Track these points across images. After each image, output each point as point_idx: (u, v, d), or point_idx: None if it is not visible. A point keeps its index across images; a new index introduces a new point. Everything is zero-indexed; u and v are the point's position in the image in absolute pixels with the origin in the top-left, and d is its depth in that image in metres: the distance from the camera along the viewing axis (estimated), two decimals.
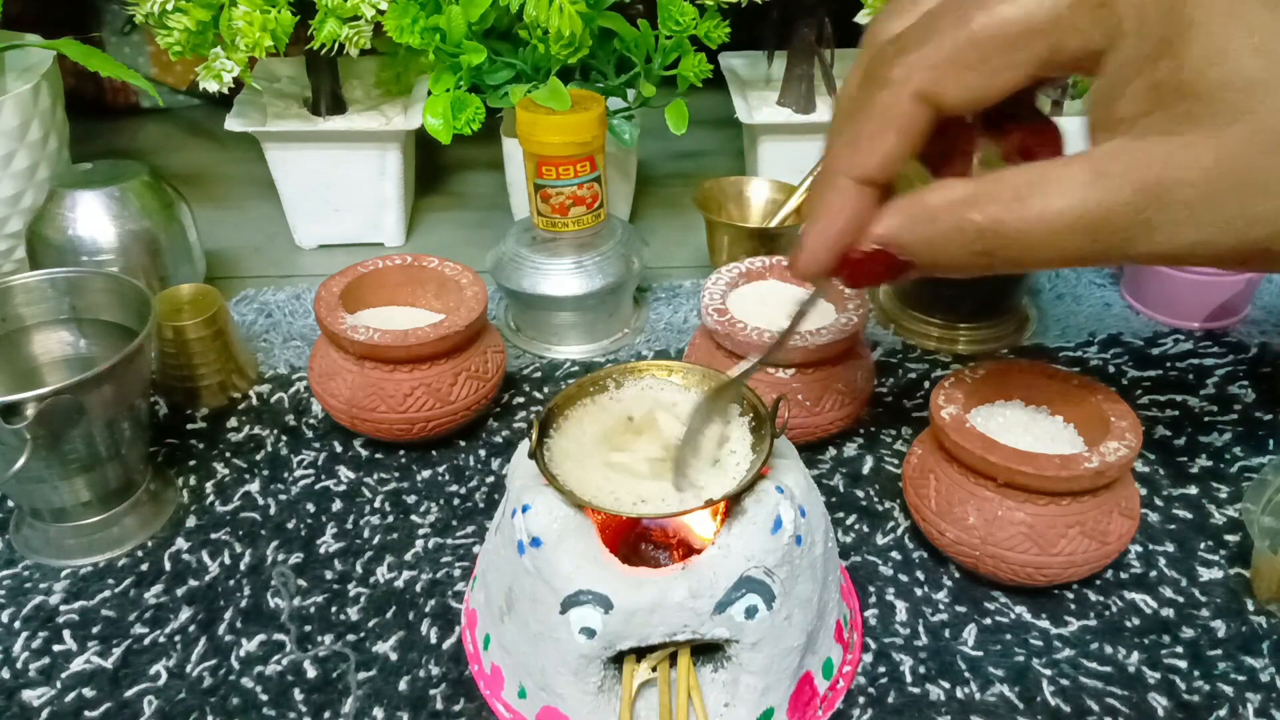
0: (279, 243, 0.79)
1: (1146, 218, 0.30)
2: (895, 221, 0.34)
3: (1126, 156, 0.30)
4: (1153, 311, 0.69)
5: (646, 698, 0.40)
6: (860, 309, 0.55)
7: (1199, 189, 0.29)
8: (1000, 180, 0.32)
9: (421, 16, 0.65)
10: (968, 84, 0.32)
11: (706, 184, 0.71)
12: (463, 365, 0.55)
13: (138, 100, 1.00)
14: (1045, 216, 0.31)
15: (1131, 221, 0.30)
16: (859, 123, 0.34)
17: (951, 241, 0.32)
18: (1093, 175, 0.30)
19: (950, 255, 0.33)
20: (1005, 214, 0.31)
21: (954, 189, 0.32)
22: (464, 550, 0.51)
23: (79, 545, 0.51)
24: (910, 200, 0.33)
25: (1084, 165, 0.31)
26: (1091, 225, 0.30)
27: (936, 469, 0.48)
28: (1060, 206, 0.30)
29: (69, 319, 0.54)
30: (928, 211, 0.33)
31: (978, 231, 0.32)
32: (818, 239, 0.35)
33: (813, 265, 0.36)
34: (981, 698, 0.44)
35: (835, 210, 0.35)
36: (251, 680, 0.45)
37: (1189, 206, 0.29)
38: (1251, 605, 0.48)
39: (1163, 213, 0.30)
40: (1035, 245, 0.31)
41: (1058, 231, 0.31)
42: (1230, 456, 0.57)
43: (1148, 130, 0.30)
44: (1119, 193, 0.30)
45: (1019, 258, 0.32)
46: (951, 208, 0.32)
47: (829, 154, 0.35)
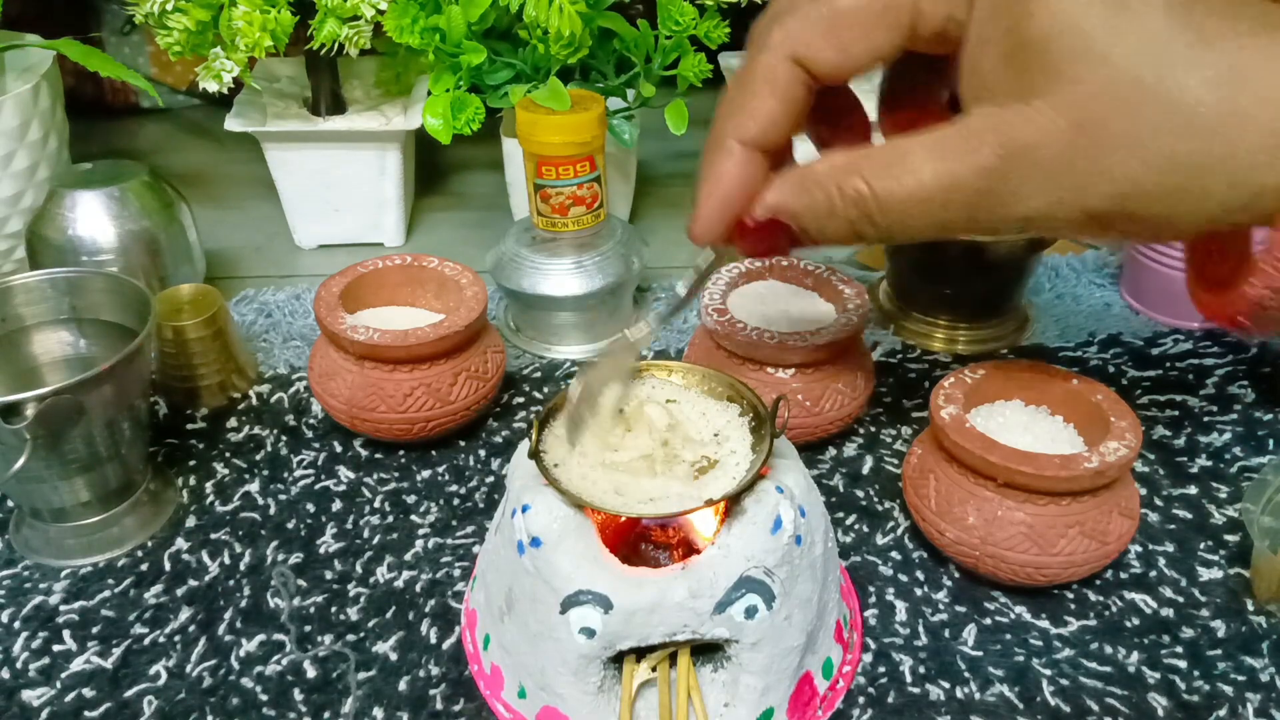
0: (279, 243, 0.79)
1: (1009, 182, 0.31)
2: (784, 189, 0.35)
3: (988, 123, 0.31)
4: (1153, 311, 0.69)
5: (646, 698, 0.40)
6: (860, 309, 0.55)
7: (1053, 151, 0.30)
8: (878, 149, 0.33)
9: (421, 16, 0.65)
10: (835, 50, 0.34)
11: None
12: (462, 365, 0.55)
13: (138, 100, 1.00)
14: (914, 182, 0.32)
15: (995, 186, 0.31)
16: (742, 89, 0.36)
17: (833, 208, 0.34)
18: (957, 141, 0.31)
19: (833, 223, 0.34)
20: (879, 181, 0.32)
21: (835, 157, 0.34)
22: (464, 550, 0.51)
23: (79, 545, 0.51)
24: (799, 169, 0.35)
25: (949, 132, 0.32)
26: (956, 191, 0.31)
27: (936, 469, 0.48)
28: (927, 172, 0.31)
29: (69, 319, 0.54)
30: (811, 178, 0.34)
31: (857, 198, 0.33)
32: (707, 202, 0.37)
33: (707, 229, 0.37)
34: (981, 698, 0.44)
35: (723, 173, 0.36)
36: (251, 680, 0.45)
37: (1047, 169, 0.30)
38: (1251, 605, 0.48)
39: (1024, 177, 0.30)
40: (905, 211, 0.32)
41: (924, 197, 0.32)
42: (1230, 456, 0.57)
43: (1006, 95, 0.31)
44: (983, 159, 0.31)
45: (893, 224, 0.33)
46: (832, 174, 0.33)
47: (716, 122, 0.37)
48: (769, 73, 0.35)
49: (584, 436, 0.41)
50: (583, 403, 0.41)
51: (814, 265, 0.59)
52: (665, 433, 0.42)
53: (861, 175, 0.33)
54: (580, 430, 0.41)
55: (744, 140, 0.36)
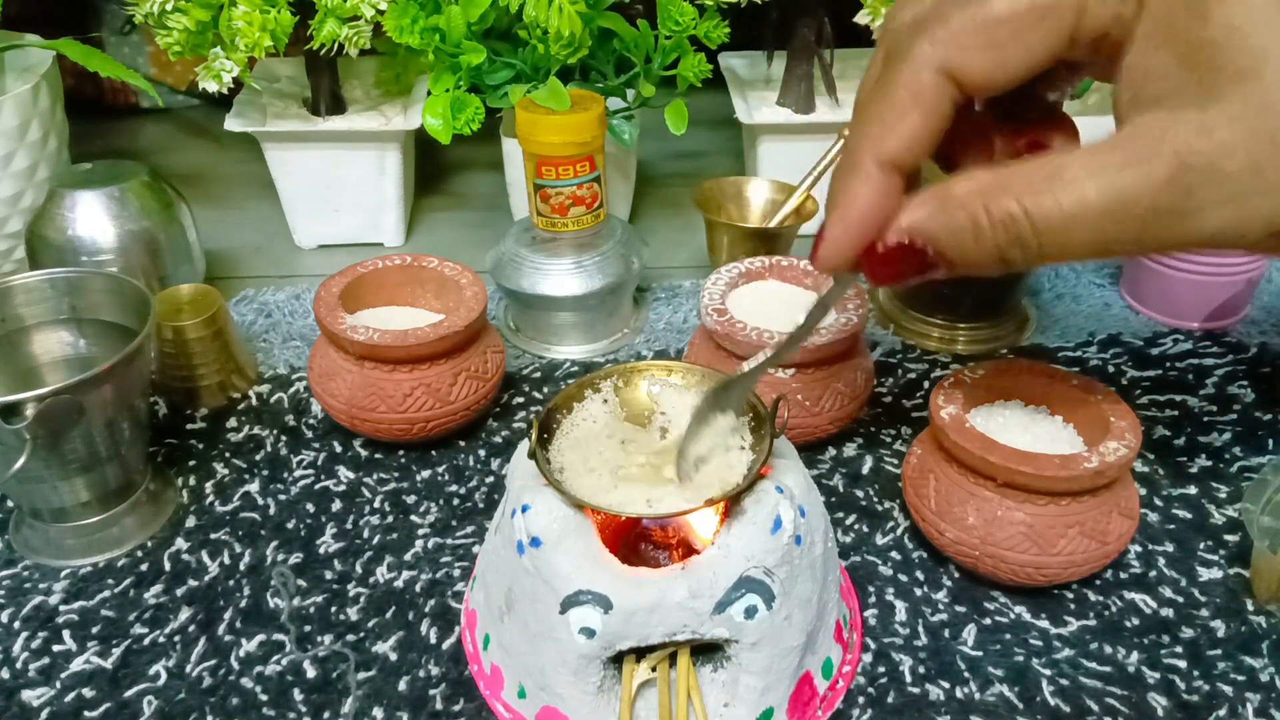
0: (279, 243, 0.79)
1: (1187, 196, 0.28)
2: (922, 212, 0.32)
3: (1162, 132, 0.28)
4: (1152, 311, 0.69)
5: (646, 698, 0.40)
6: (860, 309, 0.55)
7: (1241, 159, 0.27)
8: (1030, 167, 0.30)
9: (421, 16, 0.65)
10: (990, 60, 0.31)
11: (706, 184, 0.71)
12: (462, 365, 0.55)
13: (137, 100, 1.00)
14: (1076, 201, 0.29)
15: (1172, 202, 0.28)
16: (881, 104, 0.33)
17: (980, 231, 0.31)
18: (1128, 155, 0.29)
19: (978, 246, 0.31)
20: (1037, 200, 0.29)
21: (981, 177, 0.31)
22: (464, 550, 0.51)
23: (79, 545, 0.51)
24: (937, 190, 0.32)
25: (1117, 146, 0.29)
26: (1127, 208, 0.29)
27: (936, 469, 0.48)
28: (1092, 189, 0.29)
29: (69, 319, 0.54)
30: (955, 199, 0.31)
31: (1008, 219, 0.30)
32: (840, 227, 0.33)
33: (835, 256, 0.34)
34: (981, 698, 0.44)
35: (859, 196, 0.33)
36: (251, 680, 0.45)
37: (1232, 180, 0.28)
38: (1251, 605, 0.48)
39: (1205, 189, 0.28)
40: (1069, 233, 0.29)
41: (1092, 218, 0.29)
42: (1230, 456, 0.57)
43: (1181, 103, 0.28)
44: (1158, 171, 0.28)
45: (1050, 247, 0.30)
46: (980, 194, 0.30)
47: (850, 140, 0.34)
48: (914, 86, 0.32)
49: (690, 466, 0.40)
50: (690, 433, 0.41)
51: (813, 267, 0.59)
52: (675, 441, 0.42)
53: (1013, 195, 0.30)
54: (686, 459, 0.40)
55: (883, 160, 0.32)
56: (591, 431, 0.43)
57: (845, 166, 0.33)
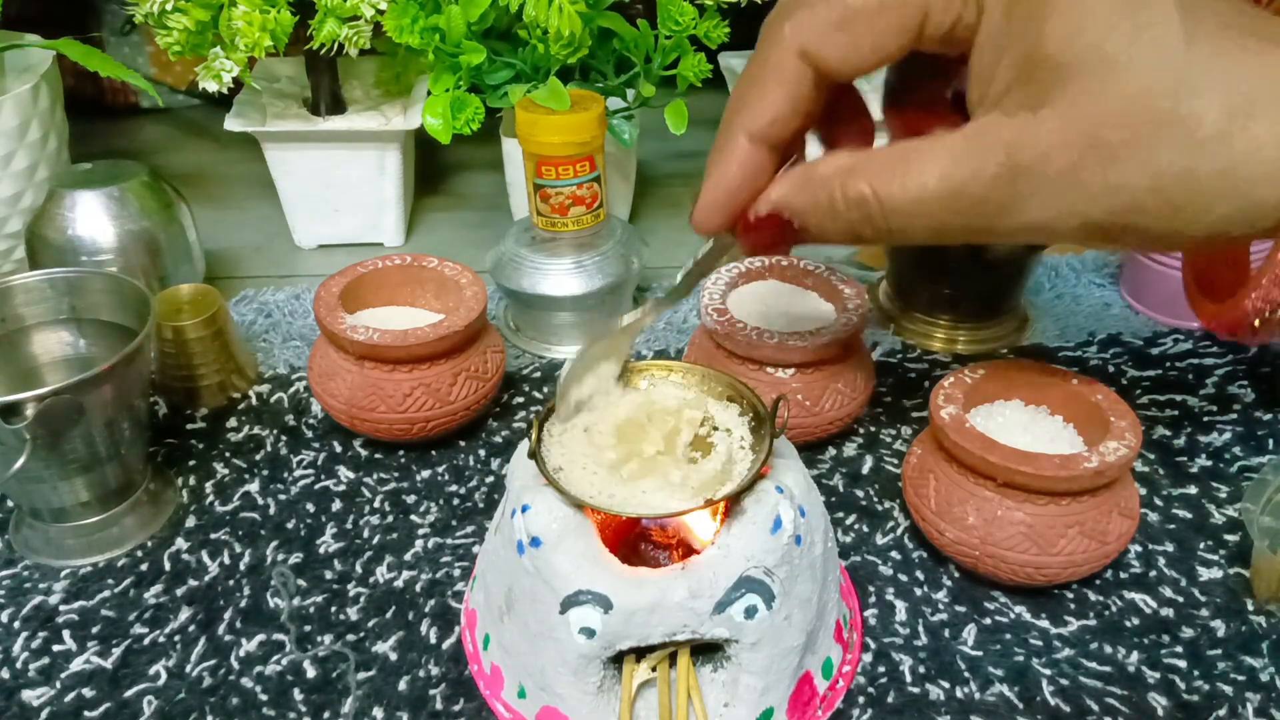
0: (279, 243, 0.79)
1: (1012, 191, 0.31)
2: (787, 187, 0.35)
3: (994, 130, 0.31)
4: (1152, 311, 0.69)
5: (646, 698, 0.40)
6: (860, 309, 0.55)
7: (1061, 161, 0.30)
8: (885, 152, 0.33)
9: (421, 16, 0.65)
10: (843, 46, 0.34)
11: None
12: (462, 365, 0.55)
13: (137, 100, 1.00)
14: (917, 187, 0.32)
15: (998, 195, 0.31)
16: (749, 82, 0.36)
17: (835, 209, 0.34)
18: (963, 149, 0.31)
19: (834, 223, 0.34)
20: (881, 183, 0.32)
21: (840, 158, 0.34)
22: (464, 550, 0.51)
23: (79, 545, 0.51)
24: (803, 167, 0.35)
25: (956, 139, 0.32)
26: (959, 198, 0.31)
27: (936, 469, 0.48)
28: (931, 178, 0.31)
29: (69, 319, 0.54)
30: (816, 177, 0.34)
31: (858, 199, 0.33)
32: (711, 193, 0.37)
33: (707, 218, 0.38)
34: (981, 697, 0.44)
35: (729, 165, 0.36)
36: (251, 680, 0.45)
37: (1051, 180, 0.30)
38: (1251, 605, 0.48)
39: (1028, 185, 0.30)
40: (907, 216, 0.32)
41: (927, 202, 0.32)
42: (1230, 456, 0.57)
43: (1015, 104, 0.31)
44: (986, 166, 0.31)
45: (894, 228, 0.33)
46: (836, 174, 0.33)
47: (725, 114, 0.37)
48: (777, 67, 0.35)
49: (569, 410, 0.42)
50: (571, 378, 0.42)
51: (814, 265, 0.59)
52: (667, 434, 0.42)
53: (865, 177, 0.33)
54: (566, 402, 0.42)
55: (751, 134, 0.36)
56: (592, 431, 0.43)
57: (720, 138, 0.37)
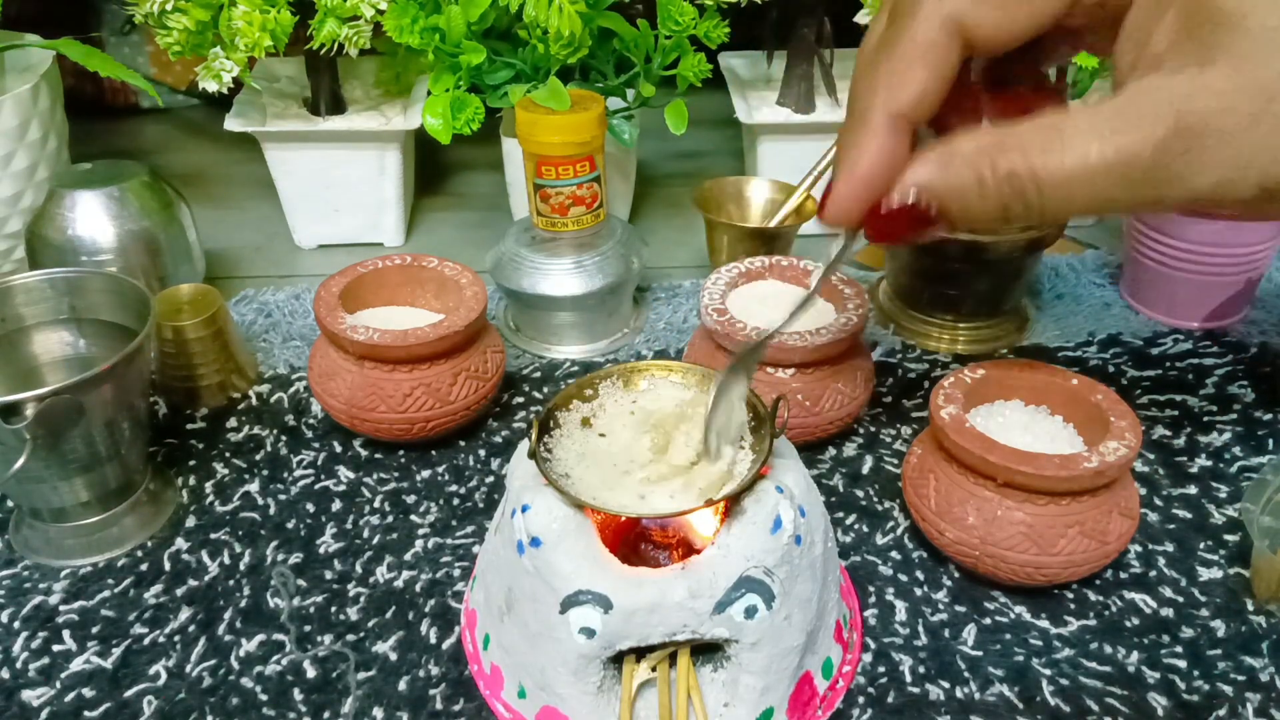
0: (279, 243, 0.79)
1: (1186, 154, 0.29)
2: (927, 169, 0.32)
3: (1161, 92, 0.29)
4: (1152, 311, 0.69)
5: (646, 698, 0.40)
6: (860, 309, 0.55)
7: (1234, 118, 0.28)
8: (1033, 126, 0.31)
9: (421, 16, 0.65)
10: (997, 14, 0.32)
11: (706, 184, 0.71)
12: (462, 365, 0.55)
13: (137, 100, 1.00)
14: (1078, 159, 0.29)
15: (1171, 160, 0.29)
16: (890, 58, 0.33)
17: (984, 188, 0.31)
18: (1127, 113, 0.29)
19: (981, 203, 0.32)
20: (1042, 158, 0.30)
21: (985, 135, 0.31)
22: (464, 550, 0.51)
23: (79, 545, 0.51)
24: (942, 148, 0.32)
25: (1115, 105, 0.30)
26: (1129, 167, 0.29)
27: (936, 469, 0.48)
28: (1093, 148, 0.29)
29: (69, 319, 0.54)
30: (960, 157, 0.32)
31: (1009, 175, 0.30)
32: (848, 181, 0.34)
33: (843, 210, 0.34)
34: (981, 697, 0.44)
35: (869, 150, 0.33)
36: (251, 680, 0.45)
37: (1226, 139, 0.28)
38: (1251, 605, 0.48)
39: (1202, 148, 0.28)
40: (1070, 190, 0.30)
41: (1091, 175, 0.29)
42: (1230, 456, 0.57)
43: (1181, 63, 0.29)
44: (1155, 130, 0.29)
45: (1053, 204, 0.31)
46: (983, 152, 0.31)
47: (858, 96, 0.34)
48: (925, 40, 0.32)
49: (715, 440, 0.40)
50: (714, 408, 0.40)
51: (814, 265, 0.59)
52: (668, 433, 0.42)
53: (1018, 152, 0.30)
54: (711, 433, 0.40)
55: (893, 114, 0.33)
56: (592, 431, 0.43)
57: (854, 122, 0.34)
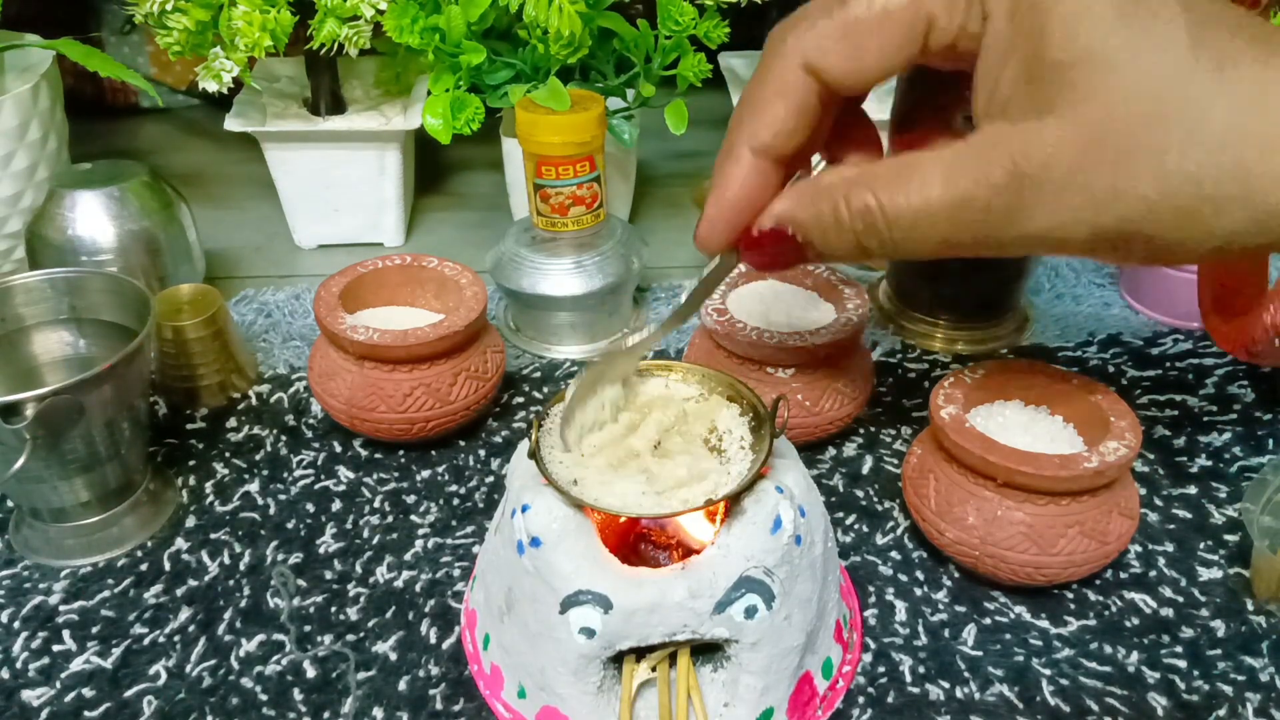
0: (279, 243, 0.79)
1: (1019, 199, 0.30)
2: (791, 200, 0.35)
3: (999, 138, 0.30)
4: (1152, 311, 0.69)
5: (646, 698, 0.40)
6: (860, 309, 0.55)
7: (1066, 168, 0.29)
8: (891, 163, 0.33)
9: (421, 16, 0.65)
10: (847, 58, 0.33)
11: (706, 184, 0.70)
12: (462, 365, 0.55)
13: (137, 100, 1.00)
14: (921, 197, 0.31)
15: (1004, 203, 0.30)
16: (753, 95, 0.35)
17: (840, 221, 0.33)
18: (968, 157, 0.31)
19: (839, 236, 0.33)
20: (888, 195, 0.32)
21: (844, 170, 0.33)
22: (464, 550, 0.51)
23: (78, 545, 0.51)
24: (805, 181, 0.35)
25: (960, 148, 0.31)
26: (964, 207, 0.31)
27: (936, 469, 0.48)
28: (935, 187, 0.31)
29: (69, 319, 0.54)
30: (819, 190, 0.34)
31: (864, 211, 0.32)
32: (715, 208, 0.36)
33: (711, 235, 0.37)
34: (981, 697, 0.44)
35: (733, 179, 0.36)
36: (251, 680, 0.45)
37: (1059, 186, 0.29)
38: (1251, 605, 0.48)
39: (1035, 194, 0.30)
40: (911, 226, 0.32)
41: (932, 212, 0.31)
42: (1230, 456, 0.57)
43: (1020, 111, 0.30)
44: (992, 173, 0.30)
45: (899, 240, 0.32)
46: (840, 185, 0.33)
47: (730, 128, 0.36)
48: (781, 80, 0.35)
49: (575, 435, 0.41)
50: (576, 401, 0.41)
51: (814, 265, 0.59)
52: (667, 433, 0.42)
53: (871, 189, 0.32)
54: (571, 428, 0.41)
55: (754, 148, 0.35)
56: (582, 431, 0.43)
57: (723, 153, 0.37)
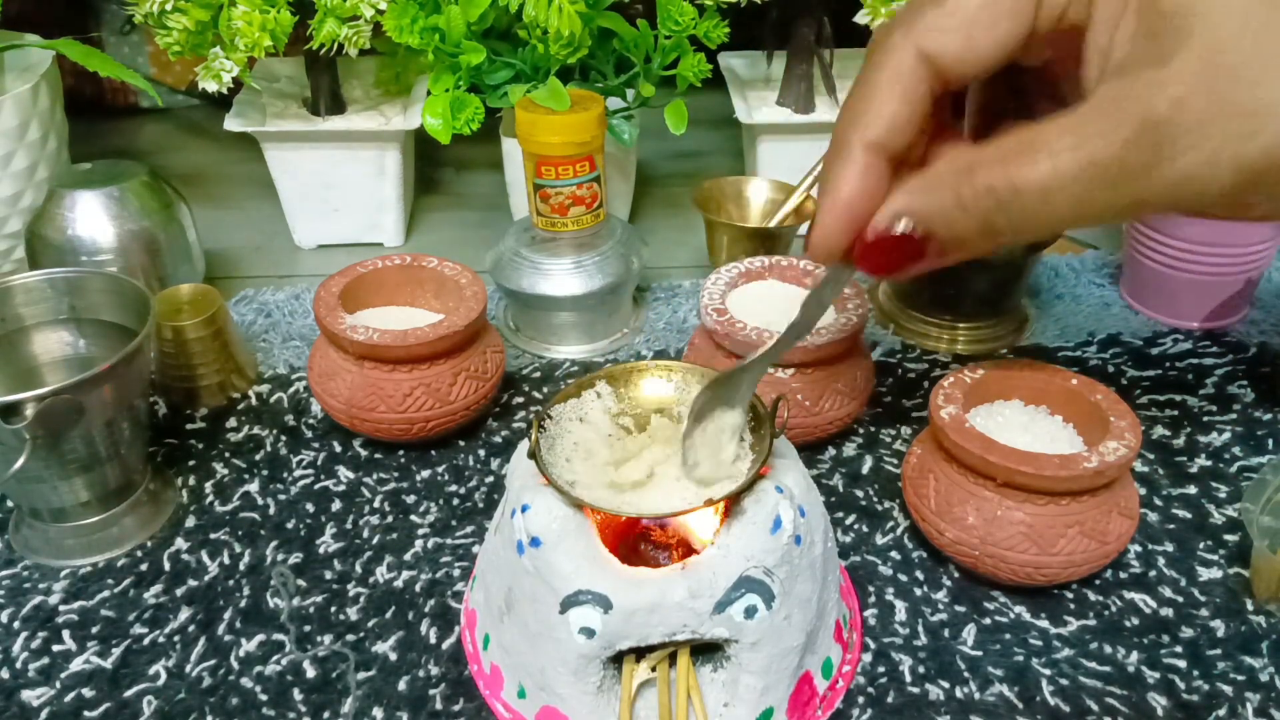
0: (278, 243, 0.79)
1: (1154, 149, 0.29)
2: (906, 194, 0.33)
3: (1123, 94, 0.30)
4: (1152, 311, 0.69)
5: (646, 698, 0.40)
6: (860, 309, 0.55)
7: (1201, 106, 0.29)
8: (1006, 141, 0.31)
9: (421, 16, 0.65)
10: (960, 42, 0.33)
11: (706, 184, 0.71)
12: (462, 365, 0.55)
13: (137, 100, 1.00)
14: (1049, 165, 0.30)
15: (1139, 155, 0.29)
16: (864, 90, 0.34)
17: (964, 205, 0.32)
18: (1091, 117, 0.30)
19: (964, 220, 0.32)
20: (1012, 169, 0.31)
21: (961, 155, 0.32)
22: (463, 550, 0.51)
23: (78, 545, 0.51)
24: (921, 173, 0.33)
25: (1085, 113, 0.30)
26: (1102, 170, 0.30)
27: (936, 469, 0.48)
28: (1064, 155, 0.30)
29: (68, 319, 0.54)
30: (938, 178, 0.32)
31: (988, 189, 0.31)
32: (830, 211, 0.35)
33: (826, 241, 0.35)
34: (981, 697, 0.44)
35: (847, 180, 0.34)
36: (251, 680, 0.45)
37: (1194, 126, 0.29)
38: (1251, 605, 0.48)
39: (1170, 140, 0.29)
40: (1048, 199, 0.31)
41: (1064, 180, 0.30)
42: (1229, 456, 0.57)
43: (1140, 65, 0.30)
44: (1121, 130, 0.29)
45: (1029, 214, 0.31)
46: (962, 170, 0.32)
47: (838, 128, 0.35)
48: (894, 72, 0.34)
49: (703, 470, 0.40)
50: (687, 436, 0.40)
51: (814, 265, 0.59)
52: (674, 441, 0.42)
53: (991, 166, 0.31)
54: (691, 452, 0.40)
55: (869, 144, 0.34)
56: (591, 431, 0.43)
57: (833, 153, 0.35)
